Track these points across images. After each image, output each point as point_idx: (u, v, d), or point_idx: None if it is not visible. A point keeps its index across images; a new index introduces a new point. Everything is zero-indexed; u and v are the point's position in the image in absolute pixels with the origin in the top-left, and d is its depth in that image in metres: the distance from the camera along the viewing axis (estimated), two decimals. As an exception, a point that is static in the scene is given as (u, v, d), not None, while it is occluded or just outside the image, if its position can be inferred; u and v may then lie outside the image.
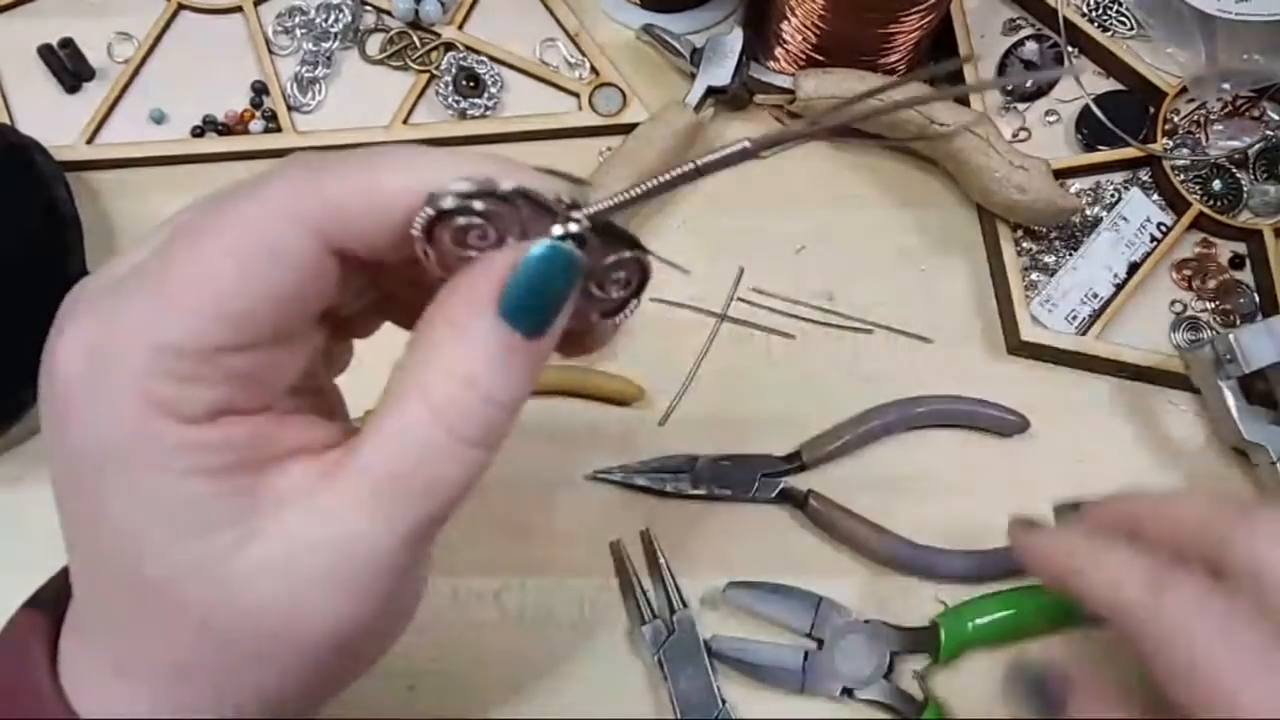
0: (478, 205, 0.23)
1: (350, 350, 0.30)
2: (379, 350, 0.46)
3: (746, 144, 0.23)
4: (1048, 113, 0.53)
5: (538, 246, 0.23)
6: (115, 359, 0.22)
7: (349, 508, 0.23)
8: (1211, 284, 0.49)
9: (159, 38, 0.53)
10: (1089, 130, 0.51)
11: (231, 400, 0.23)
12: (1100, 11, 0.54)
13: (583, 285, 0.24)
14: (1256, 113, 0.52)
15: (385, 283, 0.27)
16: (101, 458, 0.22)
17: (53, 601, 0.27)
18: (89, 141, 0.51)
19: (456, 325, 0.23)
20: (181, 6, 0.53)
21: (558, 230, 0.23)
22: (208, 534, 0.22)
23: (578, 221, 0.23)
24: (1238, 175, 0.51)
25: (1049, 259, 0.50)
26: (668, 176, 0.23)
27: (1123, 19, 0.54)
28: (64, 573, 0.27)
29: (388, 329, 0.29)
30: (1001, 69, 0.53)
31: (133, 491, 0.22)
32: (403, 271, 0.25)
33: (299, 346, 0.25)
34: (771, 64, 0.52)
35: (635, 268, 0.25)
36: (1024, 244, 0.50)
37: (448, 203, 0.23)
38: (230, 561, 0.22)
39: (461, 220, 0.23)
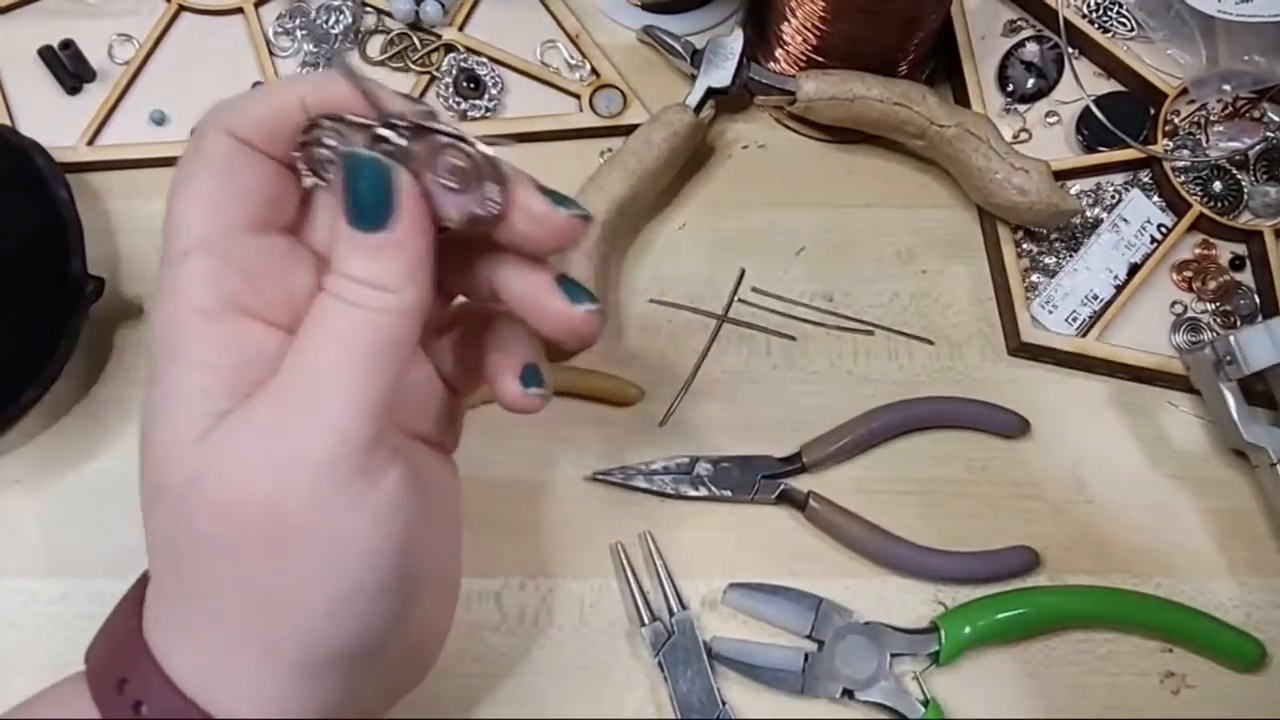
0: (320, 137, 0.28)
1: None
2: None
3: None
4: (1048, 114, 0.53)
5: (351, 158, 0.27)
6: (163, 282, 0.28)
7: (275, 394, 0.27)
8: (1212, 285, 0.49)
9: (160, 39, 0.53)
10: (1089, 131, 0.51)
11: (244, 293, 0.28)
12: (1101, 13, 0.54)
13: (424, 181, 0.28)
14: (1257, 114, 0.52)
15: None
16: (155, 355, 0.28)
17: None
18: (90, 143, 0.51)
19: (335, 234, 0.28)
20: (182, 8, 0.54)
21: (377, 132, 0.28)
22: (187, 421, 0.26)
23: (384, 127, 0.28)
24: (1238, 176, 0.51)
25: (1049, 260, 0.50)
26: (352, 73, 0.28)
27: (1123, 20, 0.54)
28: None
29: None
30: (1002, 70, 0.53)
31: (160, 379, 0.27)
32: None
33: (302, 258, 0.30)
34: (772, 65, 0.52)
35: (459, 154, 0.28)
36: (1024, 245, 0.50)
37: (302, 138, 0.29)
38: (194, 450, 0.26)
39: (315, 151, 0.29)
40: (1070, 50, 0.53)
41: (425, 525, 0.29)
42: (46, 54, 0.52)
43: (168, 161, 0.51)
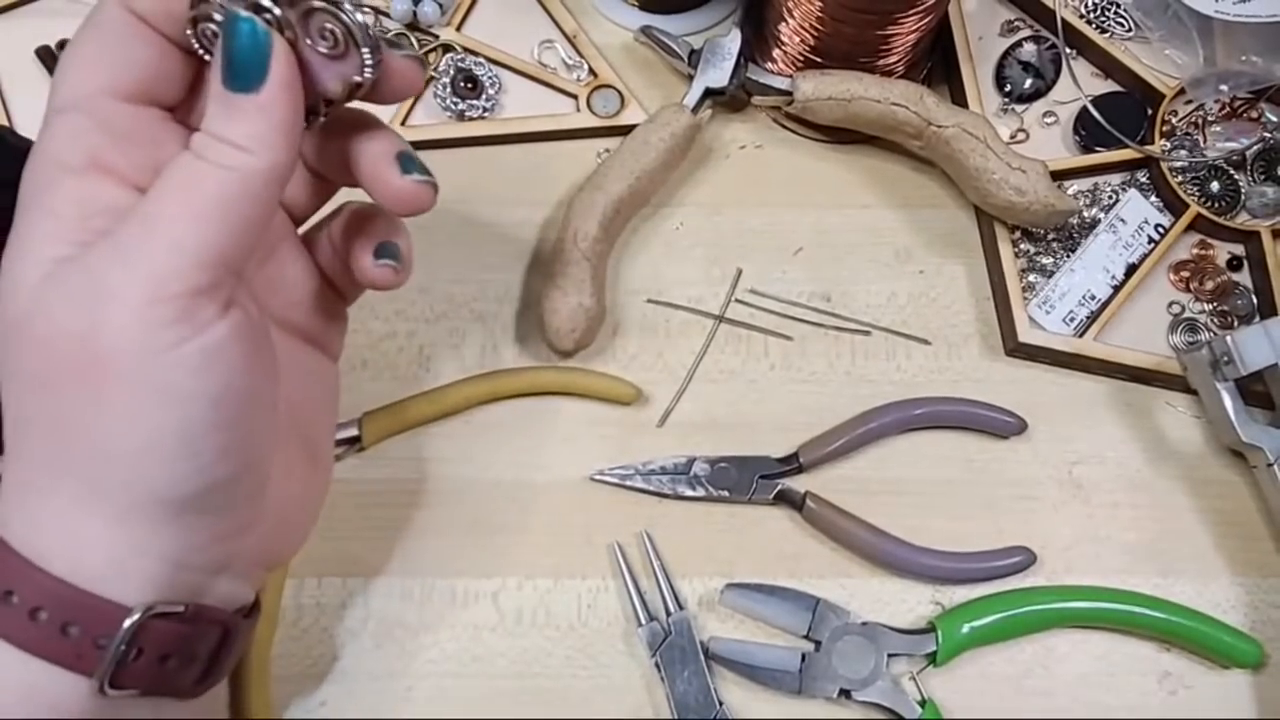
0: (202, 10, 0.29)
1: None
2: (382, 350, 0.46)
3: None
4: (1045, 114, 0.53)
5: (230, 20, 0.28)
6: (38, 135, 0.29)
7: (115, 238, 0.27)
8: (1209, 285, 0.49)
9: (157, 39, 0.53)
10: (1087, 132, 0.51)
11: (109, 152, 0.29)
12: (1098, 13, 0.54)
13: (300, 49, 0.29)
14: (1254, 114, 0.52)
15: None
16: (18, 206, 0.29)
17: None
18: (87, 143, 0.51)
19: (210, 97, 0.29)
20: (180, 8, 0.54)
21: (258, 2, 0.29)
22: (30, 265, 0.27)
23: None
24: (1235, 177, 0.51)
25: (1047, 260, 0.50)
26: None
27: (1120, 20, 0.54)
28: None
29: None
30: (1000, 70, 0.53)
31: (13, 228, 0.28)
32: None
33: (176, 135, 0.31)
34: (769, 65, 0.52)
35: (331, 18, 0.29)
36: (1022, 245, 0.50)
37: (191, 12, 0.29)
38: (26, 288, 0.27)
39: (202, 25, 0.29)
40: (1068, 50, 0.53)
41: (260, 384, 0.30)
42: (44, 54, 0.52)
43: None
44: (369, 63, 0.30)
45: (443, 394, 0.46)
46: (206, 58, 0.30)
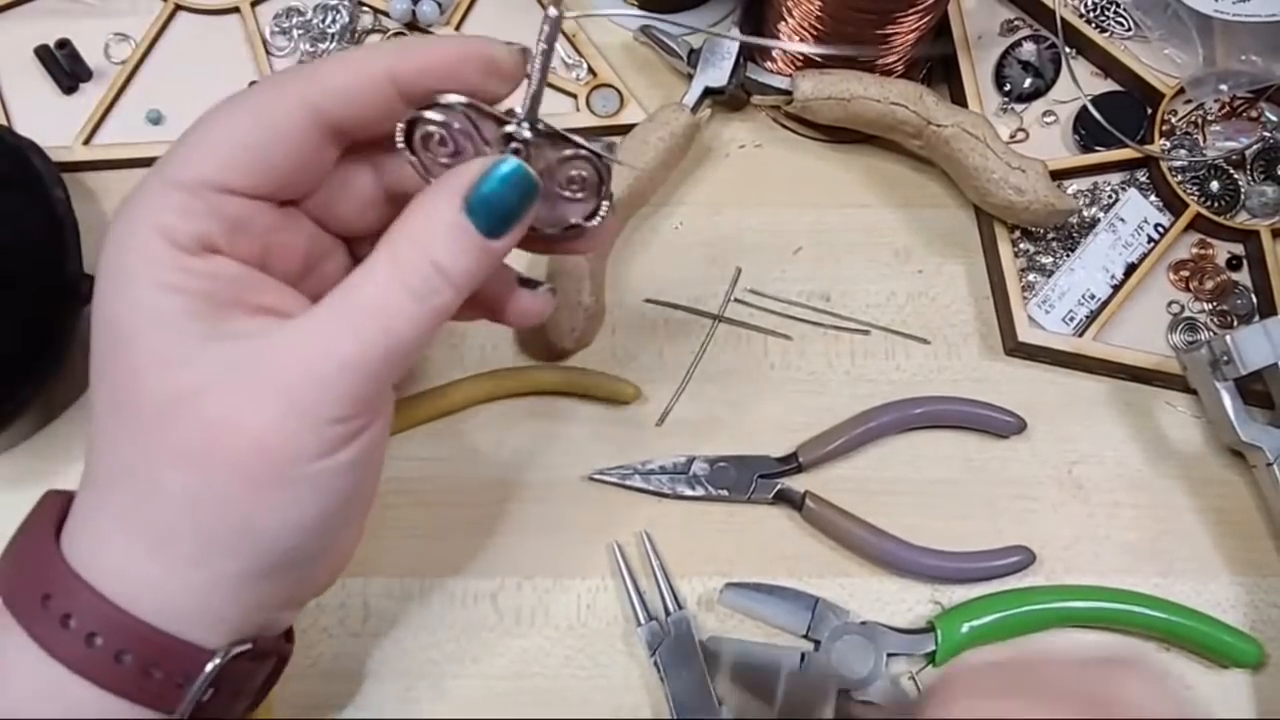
0: (435, 116, 0.28)
1: None
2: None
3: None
4: (1045, 114, 0.53)
5: (505, 162, 0.28)
6: (136, 196, 0.28)
7: (298, 337, 0.27)
8: (1209, 285, 0.49)
9: (156, 39, 0.53)
10: (1086, 131, 0.51)
11: (219, 239, 0.28)
12: (1098, 12, 0.54)
13: (545, 187, 0.29)
14: (1254, 114, 0.52)
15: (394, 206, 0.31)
16: (113, 269, 0.28)
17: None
18: (86, 142, 0.51)
19: (428, 208, 0.28)
20: (179, 7, 0.53)
21: (508, 130, 0.28)
22: (172, 341, 0.27)
23: (520, 125, 0.28)
24: (1235, 176, 0.51)
25: (1046, 260, 0.50)
26: (539, 64, 0.28)
27: (1120, 20, 0.54)
28: None
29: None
30: (999, 70, 0.53)
31: (124, 296, 0.27)
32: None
33: (293, 224, 0.31)
34: (769, 65, 0.52)
35: (588, 166, 0.29)
36: (1021, 245, 0.50)
37: (415, 114, 0.28)
38: (185, 366, 0.27)
39: (427, 129, 0.29)
40: (1067, 50, 0.53)
41: (373, 467, 0.31)
42: (43, 53, 0.51)
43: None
44: (603, 213, 0.30)
45: (443, 394, 0.46)
46: (413, 159, 0.29)
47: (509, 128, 0.28)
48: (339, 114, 0.29)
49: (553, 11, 0.27)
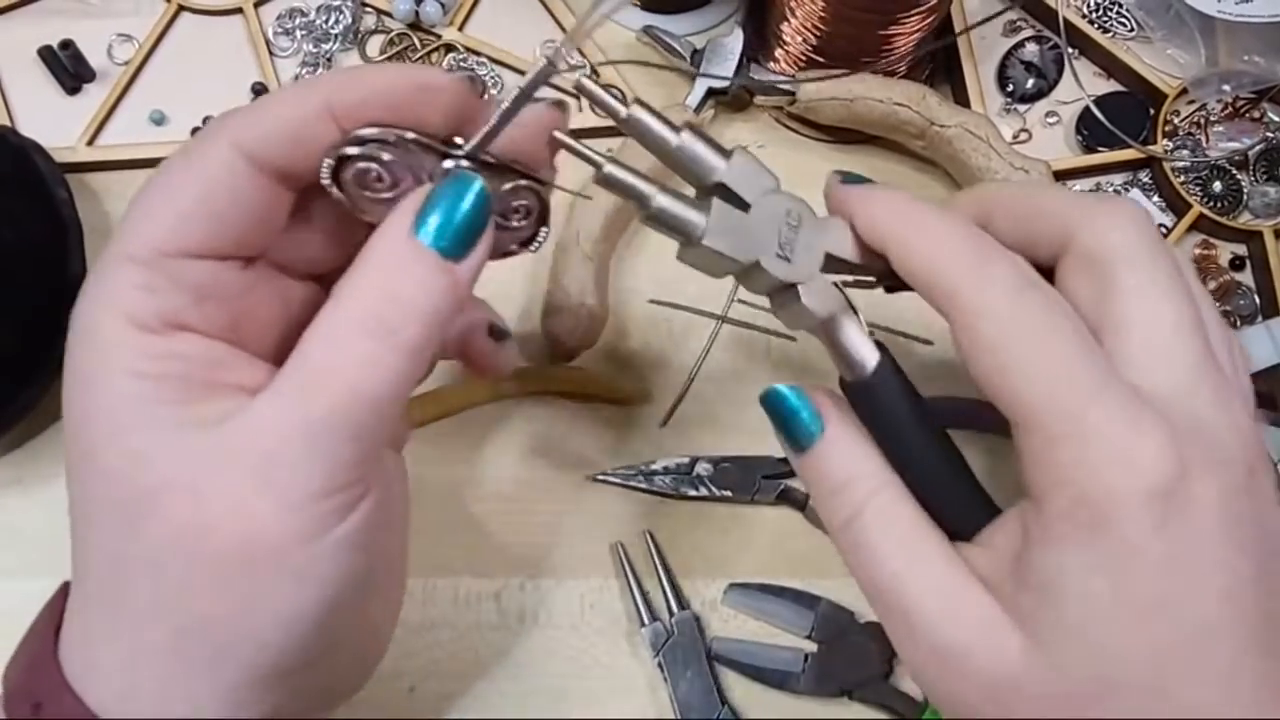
0: (371, 151, 0.26)
1: None
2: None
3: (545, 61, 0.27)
4: (1048, 114, 0.53)
5: (455, 177, 0.26)
6: (92, 279, 0.26)
7: (262, 411, 0.25)
8: (1211, 285, 0.49)
9: (159, 39, 0.53)
10: (1089, 132, 0.51)
11: (185, 314, 0.26)
12: (1100, 13, 0.54)
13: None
14: (1257, 114, 0.52)
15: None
16: (76, 357, 0.26)
17: None
18: (89, 143, 0.51)
19: (378, 242, 0.26)
20: (182, 8, 0.54)
21: (447, 165, 0.27)
22: (138, 434, 0.25)
23: (460, 155, 0.27)
24: (1238, 177, 0.51)
25: (1049, 260, 0.50)
26: (509, 103, 0.27)
27: (1123, 20, 0.54)
28: None
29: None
30: (1002, 70, 0.53)
31: (91, 385, 0.25)
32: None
33: (262, 282, 0.28)
34: (772, 65, 0.52)
35: (532, 197, 0.28)
36: (1024, 245, 0.50)
37: (346, 150, 0.26)
38: (153, 463, 0.24)
39: (359, 166, 0.26)
40: (1070, 50, 0.53)
41: (383, 542, 0.28)
42: (46, 54, 0.52)
43: (167, 162, 0.51)
44: (541, 239, 0.29)
45: (446, 395, 0.46)
46: (339, 197, 0.27)
47: (448, 162, 0.27)
48: (277, 156, 0.26)
49: (542, 61, 0.26)
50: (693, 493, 0.45)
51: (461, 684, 0.43)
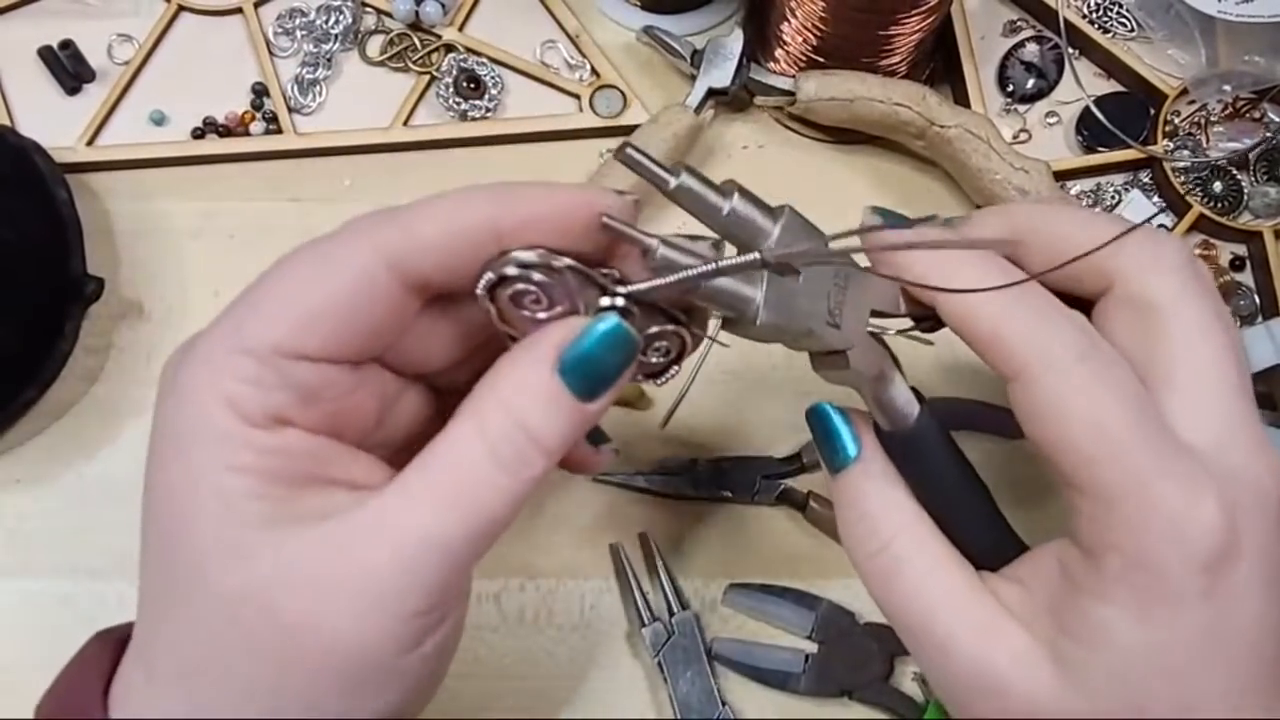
0: (534, 275, 0.26)
1: None
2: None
3: (759, 255, 0.25)
4: (1048, 114, 0.53)
5: (605, 321, 0.26)
6: (199, 355, 0.25)
7: (377, 519, 0.25)
8: (1212, 286, 0.49)
9: (159, 39, 0.53)
10: (1089, 132, 0.51)
11: (291, 411, 0.25)
12: (1101, 13, 0.54)
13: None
14: (1257, 114, 0.52)
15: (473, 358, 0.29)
16: (172, 437, 0.25)
17: (128, 635, 0.28)
18: (89, 143, 0.51)
19: (518, 370, 0.26)
20: (182, 8, 0.53)
21: (604, 302, 0.27)
22: (241, 528, 0.24)
23: (621, 296, 0.26)
24: (1238, 177, 0.51)
25: (1049, 261, 0.50)
26: (696, 273, 0.26)
27: (1123, 20, 0.54)
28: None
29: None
30: (1002, 70, 0.53)
31: (186, 472, 0.25)
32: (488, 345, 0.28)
33: (367, 381, 0.27)
34: (772, 65, 0.52)
35: (676, 340, 0.28)
36: (1024, 246, 0.50)
37: (507, 270, 0.26)
38: (257, 559, 0.24)
39: (518, 286, 0.26)
40: (1070, 51, 0.53)
41: (455, 644, 0.29)
42: (46, 54, 0.51)
43: (167, 162, 0.51)
44: (671, 374, 0.29)
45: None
46: (489, 309, 0.27)
47: (606, 300, 0.27)
48: (429, 270, 0.26)
49: (755, 255, 0.25)
50: (693, 493, 0.45)
51: (463, 684, 0.43)
